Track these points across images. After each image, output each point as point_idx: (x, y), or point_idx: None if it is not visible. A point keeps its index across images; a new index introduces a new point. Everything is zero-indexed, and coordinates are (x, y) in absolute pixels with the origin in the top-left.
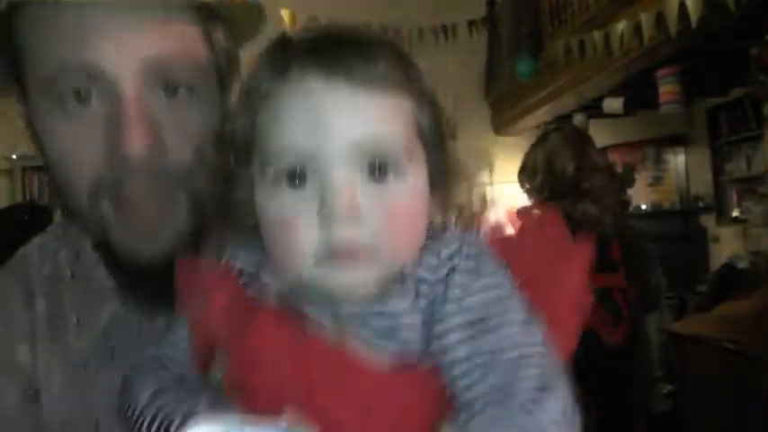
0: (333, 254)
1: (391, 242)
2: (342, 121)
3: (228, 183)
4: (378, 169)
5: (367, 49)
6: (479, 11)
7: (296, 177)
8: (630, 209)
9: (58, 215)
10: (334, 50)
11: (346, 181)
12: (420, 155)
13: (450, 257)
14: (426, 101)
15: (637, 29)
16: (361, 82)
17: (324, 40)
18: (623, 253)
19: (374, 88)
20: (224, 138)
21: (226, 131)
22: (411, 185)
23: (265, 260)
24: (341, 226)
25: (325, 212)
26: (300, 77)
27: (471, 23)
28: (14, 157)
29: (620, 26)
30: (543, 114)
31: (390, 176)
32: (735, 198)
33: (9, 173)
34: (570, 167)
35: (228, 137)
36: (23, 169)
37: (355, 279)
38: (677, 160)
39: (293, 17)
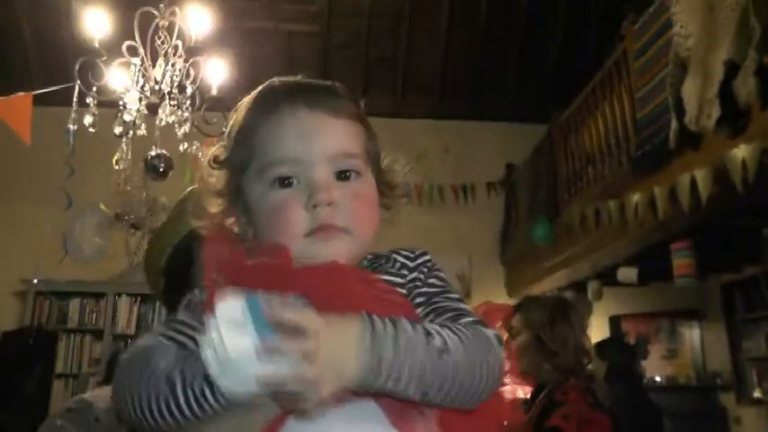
0: (317, 231)
1: (358, 223)
2: (320, 139)
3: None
4: (345, 172)
5: (334, 91)
6: (498, 173)
7: (288, 179)
8: (645, 380)
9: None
10: (313, 91)
11: (325, 180)
12: (367, 166)
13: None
14: (370, 130)
15: (651, 201)
16: (332, 112)
17: (303, 84)
18: None
19: (341, 117)
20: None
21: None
22: (367, 184)
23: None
24: (323, 210)
25: (312, 202)
26: (291, 109)
27: (490, 185)
28: (35, 281)
29: (635, 198)
30: (558, 279)
31: (353, 177)
32: (755, 378)
33: (23, 295)
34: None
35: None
36: (36, 294)
37: (334, 250)
38: (692, 334)
39: None
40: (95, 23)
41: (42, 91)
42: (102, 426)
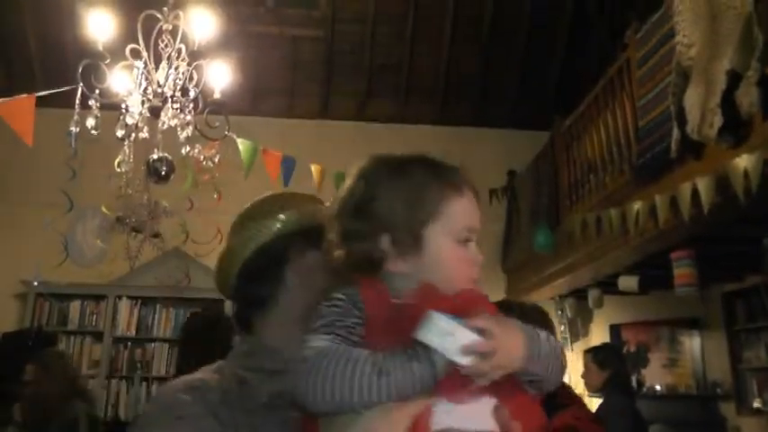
0: (476, 278)
1: None
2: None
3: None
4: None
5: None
6: (500, 180)
7: (467, 241)
8: (644, 389)
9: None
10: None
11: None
12: None
13: None
14: None
15: (652, 210)
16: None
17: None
18: None
19: None
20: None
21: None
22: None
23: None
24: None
25: (476, 259)
26: (467, 189)
27: (492, 191)
28: (36, 283)
29: (636, 206)
30: (559, 287)
31: None
32: (755, 388)
33: (23, 297)
34: None
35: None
36: (37, 295)
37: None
38: (692, 343)
39: (322, 172)
40: (99, 26)
41: (45, 93)
42: (215, 401)
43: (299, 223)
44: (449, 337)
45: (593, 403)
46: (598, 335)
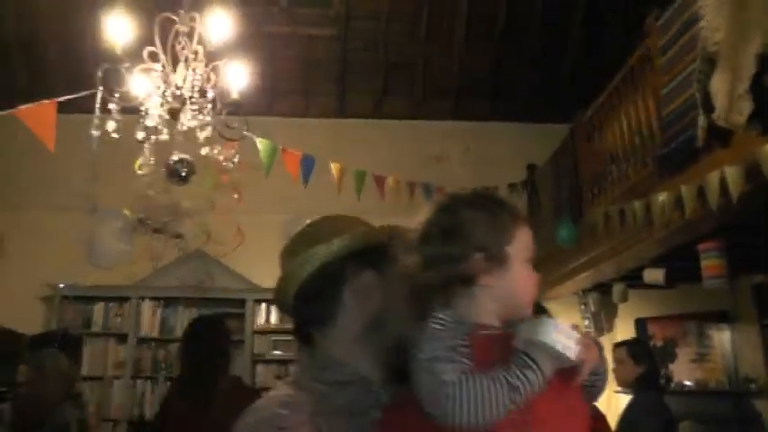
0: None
1: None
2: None
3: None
4: None
5: None
6: (520, 174)
7: (529, 260)
8: (672, 385)
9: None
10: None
11: None
12: None
13: None
14: None
15: (678, 201)
16: None
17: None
18: None
19: None
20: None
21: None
22: None
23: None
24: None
25: (537, 278)
26: (524, 222)
27: (512, 186)
28: (61, 285)
29: (661, 197)
30: (582, 281)
31: None
32: None
33: (49, 300)
34: None
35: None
36: (61, 298)
37: None
38: (722, 337)
39: (341, 170)
40: (117, 31)
41: (65, 98)
42: (307, 412)
43: (351, 246)
44: (570, 339)
45: (620, 401)
46: (623, 330)
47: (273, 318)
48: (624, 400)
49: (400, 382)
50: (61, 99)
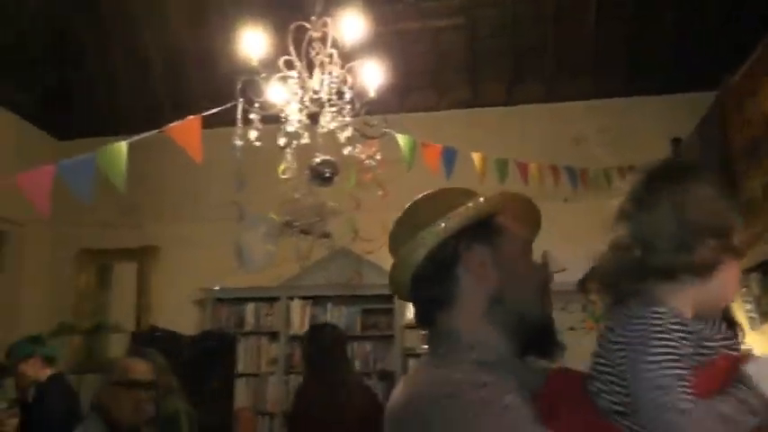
0: None
1: None
2: None
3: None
4: None
5: None
6: (664, 150)
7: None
8: None
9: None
10: None
11: None
12: None
13: None
14: None
15: None
16: None
17: None
18: None
19: None
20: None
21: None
22: None
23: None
24: None
25: None
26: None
27: None
28: (215, 288)
29: None
30: (742, 261)
31: None
32: None
33: (202, 303)
34: None
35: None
36: (216, 300)
37: None
38: None
39: (483, 160)
40: (252, 44)
41: (210, 112)
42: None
43: (459, 224)
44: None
45: None
46: None
47: None
48: None
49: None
50: (205, 114)
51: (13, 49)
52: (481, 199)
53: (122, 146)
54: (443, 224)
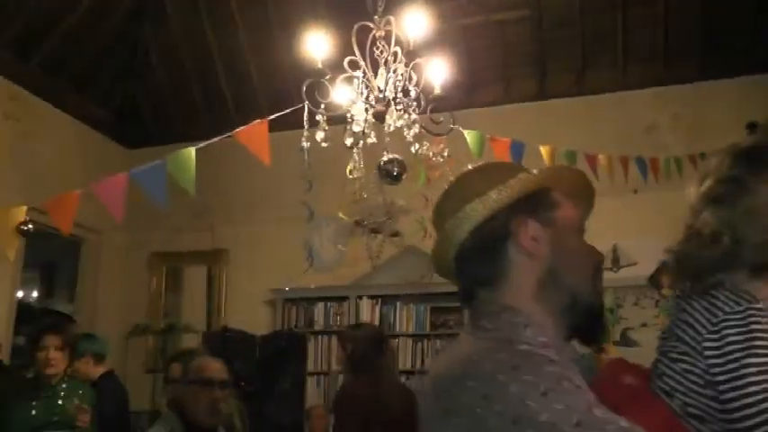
0: None
1: None
2: None
3: None
4: None
5: None
6: (739, 136)
7: None
8: None
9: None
10: None
11: None
12: None
13: None
14: None
15: None
16: None
17: None
18: None
19: None
20: None
21: None
22: None
23: None
24: None
25: None
26: None
27: None
28: (286, 289)
29: None
30: None
31: None
32: None
33: (273, 303)
34: None
35: None
36: (285, 301)
37: None
38: None
39: (552, 152)
40: (316, 46)
41: (276, 115)
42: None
43: (510, 197)
44: None
45: None
46: None
47: None
48: None
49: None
50: (272, 117)
51: (89, 66)
52: (534, 171)
53: (191, 151)
54: (494, 196)
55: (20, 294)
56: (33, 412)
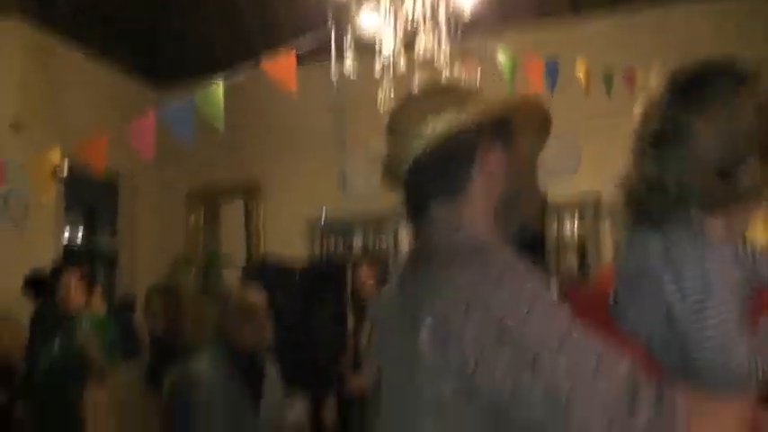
0: None
1: None
2: None
3: None
4: None
5: None
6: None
7: None
8: None
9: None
10: None
11: None
12: None
13: None
14: None
15: None
16: None
17: None
18: None
19: None
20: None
21: None
22: None
23: None
24: None
25: None
26: None
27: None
28: (323, 218)
29: None
30: None
31: None
32: None
33: (309, 234)
34: None
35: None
36: (322, 231)
37: None
38: None
39: (588, 72)
40: None
41: (302, 46)
42: None
43: (484, 116)
44: None
45: None
46: None
47: None
48: None
49: None
50: (299, 47)
51: (106, 3)
52: (502, 99)
53: (219, 87)
54: (462, 115)
55: (66, 235)
56: (55, 347)
